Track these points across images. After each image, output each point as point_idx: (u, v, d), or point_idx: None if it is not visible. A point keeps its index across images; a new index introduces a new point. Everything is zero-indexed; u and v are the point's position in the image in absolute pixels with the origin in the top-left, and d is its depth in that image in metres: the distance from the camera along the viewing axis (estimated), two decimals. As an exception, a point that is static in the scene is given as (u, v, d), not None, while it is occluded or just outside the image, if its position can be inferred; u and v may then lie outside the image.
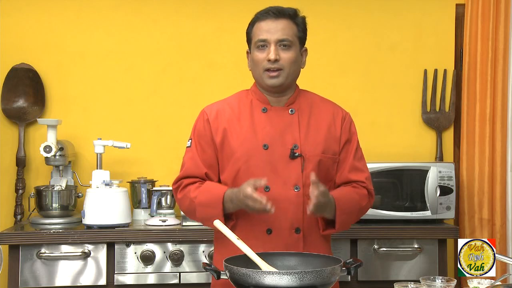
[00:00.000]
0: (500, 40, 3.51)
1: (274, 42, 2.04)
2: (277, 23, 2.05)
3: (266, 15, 2.06)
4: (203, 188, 2.07)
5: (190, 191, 2.09)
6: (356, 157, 2.16)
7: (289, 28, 2.06)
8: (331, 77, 3.60)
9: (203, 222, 2.11)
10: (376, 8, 3.66)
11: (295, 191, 2.04)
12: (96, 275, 2.98)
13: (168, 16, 3.59)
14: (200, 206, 2.05)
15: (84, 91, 3.55)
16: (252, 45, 2.10)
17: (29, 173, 3.51)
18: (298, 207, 2.05)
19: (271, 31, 2.04)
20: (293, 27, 2.07)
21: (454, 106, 3.63)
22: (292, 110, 2.11)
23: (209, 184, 2.09)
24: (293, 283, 1.59)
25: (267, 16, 2.06)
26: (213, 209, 2.01)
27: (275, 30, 2.04)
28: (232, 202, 2.00)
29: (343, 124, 2.15)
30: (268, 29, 2.05)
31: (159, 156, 3.55)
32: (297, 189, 2.05)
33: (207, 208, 2.02)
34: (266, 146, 2.06)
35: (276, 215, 2.02)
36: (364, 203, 2.13)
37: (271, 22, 2.05)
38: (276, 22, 2.05)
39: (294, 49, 2.07)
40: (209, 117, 2.13)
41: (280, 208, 2.02)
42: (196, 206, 2.06)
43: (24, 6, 3.52)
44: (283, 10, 2.07)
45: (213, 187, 2.07)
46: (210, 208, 2.01)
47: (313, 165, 2.07)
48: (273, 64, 2.04)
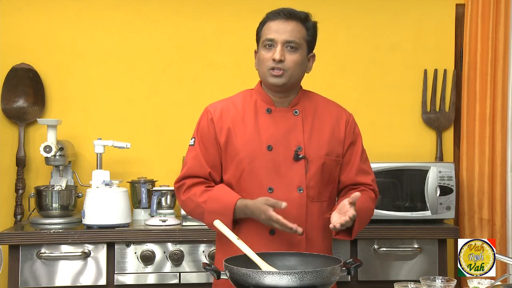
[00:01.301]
0: (500, 40, 3.51)
1: (281, 42, 2.04)
2: (286, 24, 2.05)
3: (277, 15, 2.07)
4: (212, 195, 2.07)
5: (197, 195, 2.09)
6: (362, 159, 2.18)
7: (298, 31, 2.06)
8: (331, 77, 3.60)
9: (209, 227, 2.10)
10: (376, 8, 3.66)
11: (299, 193, 2.05)
12: (96, 275, 2.98)
13: (168, 16, 3.59)
14: (209, 213, 2.05)
15: (84, 91, 3.55)
16: (260, 43, 2.10)
17: (29, 173, 3.51)
18: (301, 208, 2.05)
19: (280, 32, 2.04)
20: (302, 30, 2.07)
21: (454, 106, 3.63)
22: (296, 112, 2.11)
23: (218, 190, 2.08)
24: (293, 283, 1.59)
25: (277, 17, 2.06)
26: (223, 217, 1.99)
27: (283, 31, 2.04)
28: (245, 214, 2.01)
29: (347, 127, 2.16)
30: (276, 29, 2.05)
31: (159, 156, 3.55)
32: (300, 190, 2.05)
33: (217, 216, 2.00)
34: (270, 147, 2.06)
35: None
36: (374, 206, 2.18)
37: (281, 23, 2.05)
38: (285, 23, 2.05)
39: (301, 52, 2.07)
40: (213, 116, 2.13)
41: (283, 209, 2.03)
42: (205, 213, 2.06)
43: (24, 6, 3.52)
44: (294, 13, 2.07)
45: (223, 195, 2.06)
46: (220, 215, 2.00)
47: (317, 167, 2.07)
48: (277, 64, 2.04)
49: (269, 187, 2.04)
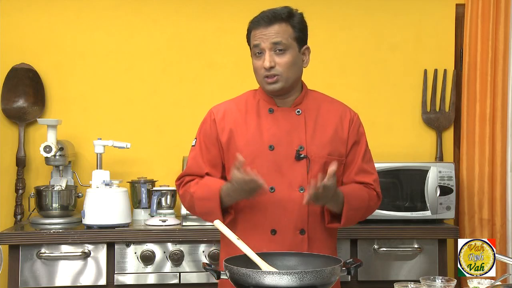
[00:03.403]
0: (500, 40, 3.51)
1: (268, 48, 2.03)
2: (269, 29, 2.03)
3: (257, 23, 2.05)
4: (201, 183, 2.10)
5: (190, 187, 2.12)
6: (365, 160, 2.16)
7: (283, 31, 2.03)
8: (331, 77, 3.60)
9: (202, 217, 2.12)
10: (376, 8, 3.66)
11: (300, 193, 2.04)
12: (96, 275, 2.98)
13: (168, 16, 3.59)
14: (198, 200, 2.06)
15: (84, 91, 3.55)
16: (251, 52, 2.10)
17: (29, 173, 3.51)
18: (303, 208, 2.04)
19: (264, 38, 2.03)
20: (287, 29, 2.04)
21: (454, 106, 3.63)
22: (298, 111, 2.11)
23: (207, 178, 2.11)
24: (293, 283, 1.59)
25: (259, 24, 2.04)
26: (211, 202, 2.02)
27: (267, 36, 2.02)
28: (229, 196, 2.00)
29: (351, 126, 2.15)
30: (261, 36, 2.03)
31: (159, 156, 3.55)
32: (302, 190, 2.04)
33: (205, 201, 2.03)
34: (272, 147, 2.06)
35: (280, 216, 2.04)
36: (373, 203, 2.14)
37: (264, 29, 2.03)
38: (268, 28, 2.03)
39: (291, 52, 2.05)
40: (215, 117, 2.14)
41: (285, 209, 2.03)
42: (194, 200, 2.08)
43: (24, 6, 3.52)
44: (275, 14, 2.04)
45: (211, 182, 2.08)
46: (208, 201, 2.02)
47: (319, 167, 2.06)
48: (269, 72, 2.03)
49: (270, 186, 2.04)
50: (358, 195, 2.08)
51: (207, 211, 2.04)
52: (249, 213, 2.07)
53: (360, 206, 2.09)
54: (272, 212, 2.05)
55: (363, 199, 2.09)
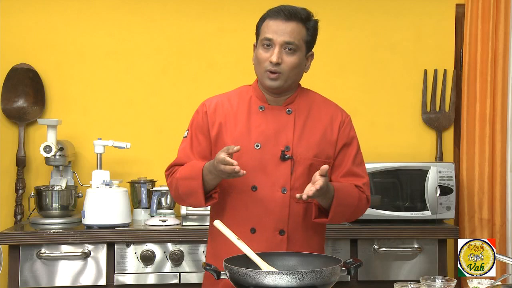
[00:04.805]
0: (500, 40, 3.51)
1: (279, 44, 2.01)
2: (286, 25, 2.01)
3: (277, 14, 2.03)
4: (185, 165, 2.09)
5: (177, 172, 2.10)
6: (355, 163, 2.13)
7: (297, 32, 2.02)
8: (331, 77, 3.60)
9: (186, 198, 2.09)
10: (376, 8, 3.66)
11: (282, 193, 2.03)
12: (96, 275, 2.98)
13: (168, 16, 3.59)
14: (181, 180, 2.06)
15: (84, 91, 3.55)
16: (259, 41, 2.07)
17: (29, 173, 3.51)
18: (283, 209, 2.04)
19: (279, 33, 2.01)
20: (302, 31, 2.04)
21: (454, 106, 3.63)
22: (289, 110, 2.09)
23: (192, 161, 2.10)
24: (293, 283, 1.59)
25: (277, 16, 2.02)
26: (193, 181, 2.01)
27: (282, 32, 2.01)
28: (211, 173, 1.98)
29: (341, 128, 2.12)
30: (276, 30, 2.01)
31: (159, 156, 3.54)
32: (284, 191, 2.03)
33: (188, 181, 2.03)
34: (258, 145, 2.05)
35: (261, 215, 2.03)
36: (362, 204, 2.11)
37: (281, 23, 2.01)
38: (285, 24, 2.01)
39: (299, 54, 2.04)
40: (207, 109, 2.13)
41: (266, 208, 2.03)
42: (178, 181, 2.07)
43: (24, 6, 3.52)
44: (295, 12, 2.03)
45: (194, 162, 2.08)
46: (191, 180, 2.02)
47: (303, 168, 2.05)
48: (274, 67, 2.02)
49: (253, 185, 2.03)
50: (349, 192, 2.06)
51: (190, 191, 2.02)
52: (232, 210, 2.07)
53: (349, 204, 2.06)
54: (252, 211, 2.04)
55: (353, 197, 2.07)
